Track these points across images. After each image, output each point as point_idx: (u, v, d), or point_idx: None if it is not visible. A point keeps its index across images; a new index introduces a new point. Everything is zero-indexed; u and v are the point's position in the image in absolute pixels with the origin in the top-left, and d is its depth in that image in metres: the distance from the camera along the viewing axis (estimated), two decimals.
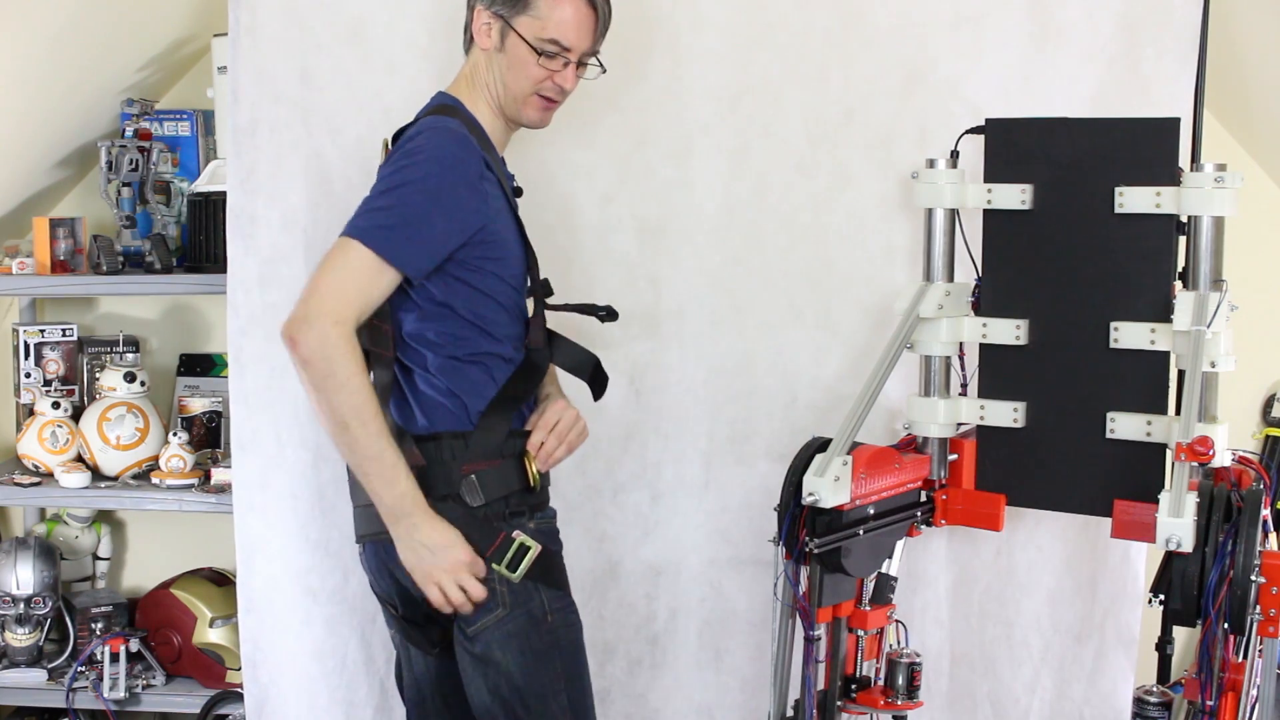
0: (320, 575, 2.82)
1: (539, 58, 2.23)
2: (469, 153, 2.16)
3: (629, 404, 2.87)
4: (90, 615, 3.22)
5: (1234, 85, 3.06)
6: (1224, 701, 2.14)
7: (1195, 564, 2.06)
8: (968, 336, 2.46)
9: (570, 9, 2.22)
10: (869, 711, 2.46)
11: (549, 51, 2.23)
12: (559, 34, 2.22)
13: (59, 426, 3.18)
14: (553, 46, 2.23)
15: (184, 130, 3.30)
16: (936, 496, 2.50)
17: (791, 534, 2.29)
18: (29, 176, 3.23)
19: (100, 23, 2.94)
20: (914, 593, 2.82)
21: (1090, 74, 2.74)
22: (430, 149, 2.13)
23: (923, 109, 2.77)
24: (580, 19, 2.22)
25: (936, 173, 2.45)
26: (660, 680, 2.94)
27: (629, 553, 2.88)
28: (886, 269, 2.81)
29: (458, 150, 2.15)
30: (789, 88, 2.81)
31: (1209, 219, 2.23)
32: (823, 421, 2.70)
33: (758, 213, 2.84)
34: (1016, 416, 2.42)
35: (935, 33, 2.77)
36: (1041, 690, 2.89)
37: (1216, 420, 2.27)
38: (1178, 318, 2.22)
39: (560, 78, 2.25)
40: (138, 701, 3.16)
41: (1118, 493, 2.30)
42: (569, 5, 2.22)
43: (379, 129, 2.77)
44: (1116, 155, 2.31)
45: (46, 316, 3.45)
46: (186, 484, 3.09)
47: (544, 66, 2.24)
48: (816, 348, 2.85)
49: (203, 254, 3.11)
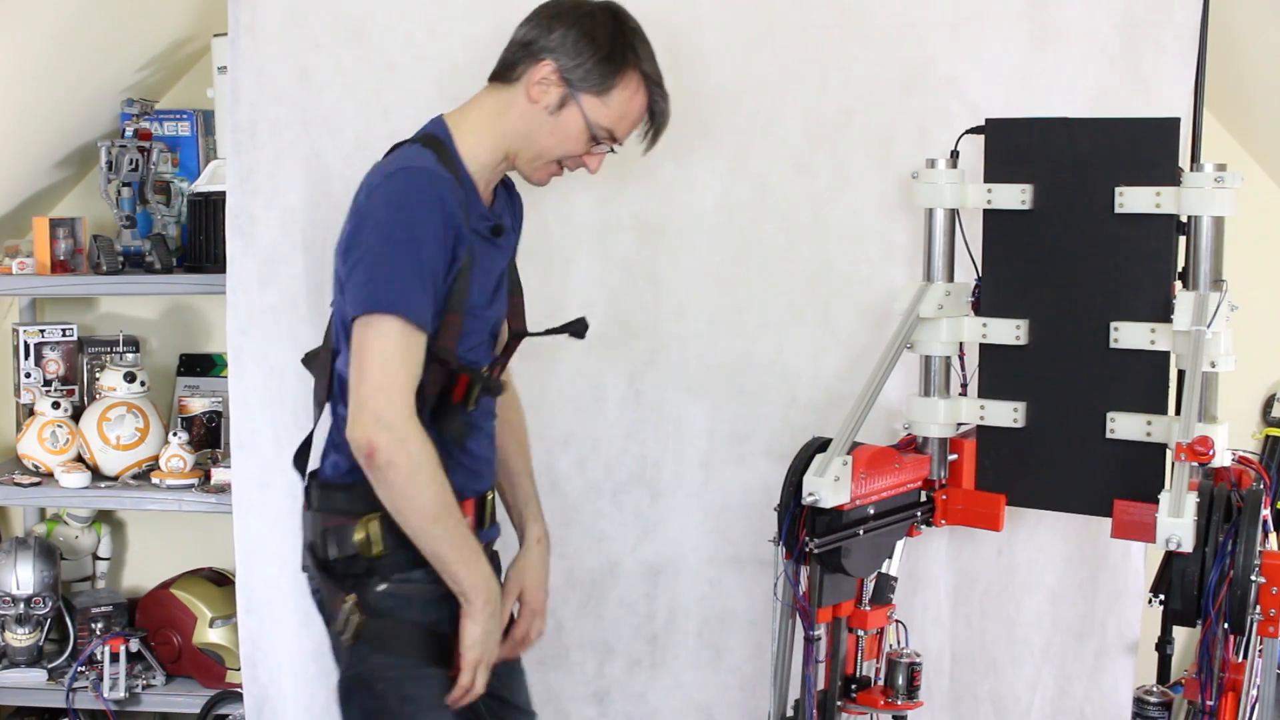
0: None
1: (589, 141, 2.17)
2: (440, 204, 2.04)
3: (629, 404, 2.88)
4: (90, 615, 3.22)
5: (1234, 85, 3.06)
6: (1224, 701, 2.14)
7: (1195, 564, 2.06)
8: (968, 336, 2.46)
9: (639, 106, 2.16)
10: (869, 711, 2.46)
11: (601, 138, 2.17)
12: (620, 128, 2.17)
13: (59, 426, 3.18)
14: (606, 135, 2.17)
15: (184, 130, 3.30)
16: (936, 496, 2.50)
17: (791, 534, 2.29)
18: (29, 176, 3.23)
19: (100, 23, 2.94)
20: (914, 593, 2.82)
21: (1090, 74, 2.74)
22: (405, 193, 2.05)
23: (922, 109, 2.77)
24: (638, 117, 2.18)
25: (936, 173, 2.45)
26: (659, 679, 2.94)
27: (628, 552, 2.88)
28: (886, 269, 2.81)
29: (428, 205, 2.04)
30: (789, 88, 2.81)
31: (1209, 219, 2.23)
32: (822, 421, 2.69)
33: (757, 212, 2.84)
34: (1016, 416, 2.42)
35: (935, 33, 2.77)
36: (1043, 688, 2.89)
37: (1216, 420, 2.26)
38: (1178, 318, 2.22)
39: (592, 161, 2.20)
40: (138, 701, 3.16)
41: (1118, 493, 2.30)
42: (638, 102, 2.16)
43: (378, 129, 2.78)
44: (1116, 155, 2.31)
45: (46, 316, 3.45)
46: (186, 484, 3.09)
47: (589, 150, 2.19)
48: (816, 347, 2.85)
49: (202, 254, 3.11)
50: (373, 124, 2.79)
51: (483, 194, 2.20)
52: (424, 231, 2.01)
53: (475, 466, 2.22)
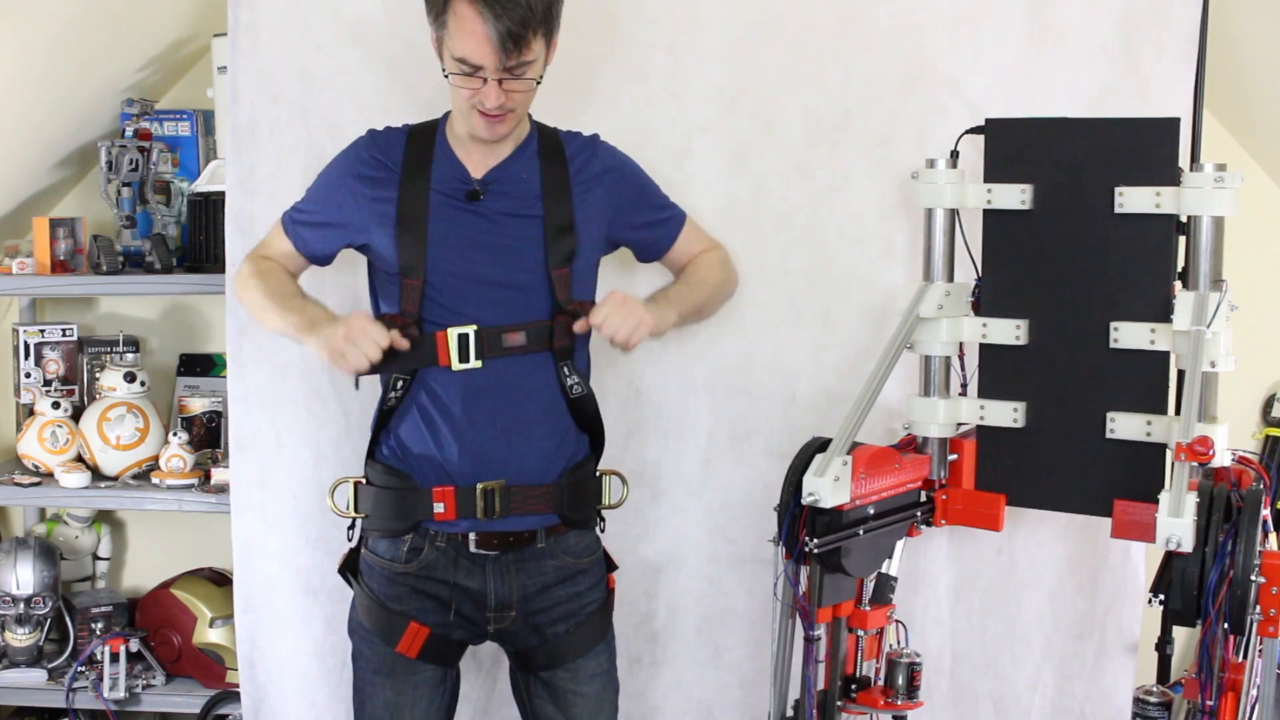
0: (321, 574, 2.82)
1: (460, 77, 2.22)
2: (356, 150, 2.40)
3: (629, 403, 2.87)
4: (90, 615, 3.22)
5: (1234, 85, 3.06)
6: (1224, 701, 2.14)
7: (1195, 564, 2.06)
8: (968, 336, 2.46)
9: (469, 26, 2.16)
10: (869, 711, 2.46)
11: (463, 71, 2.20)
12: (465, 53, 2.19)
13: (59, 426, 3.18)
14: (464, 66, 2.20)
15: (184, 130, 3.31)
16: (936, 496, 2.50)
17: (791, 534, 2.29)
18: (29, 176, 3.23)
19: (100, 23, 2.94)
20: (914, 593, 2.82)
21: (1090, 74, 2.74)
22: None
23: (922, 109, 2.77)
24: (479, 37, 2.16)
25: (936, 173, 2.45)
26: (660, 677, 2.94)
27: (629, 550, 2.88)
28: (885, 269, 2.81)
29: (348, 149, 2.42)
30: (788, 88, 2.81)
31: (1209, 219, 2.23)
32: (822, 420, 2.70)
33: (757, 212, 2.84)
34: (1016, 416, 2.42)
35: (934, 32, 2.77)
36: (1043, 688, 2.90)
37: (1216, 420, 2.27)
38: (1178, 318, 2.22)
39: (482, 95, 2.21)
40: (138, 701, 3.16)
41: (1118, 493, 2.30)
42: (468, 23, 2.16)
43: None
44: (1116, 155, 2.31)
45: (46, 316, 3.45)
46: (186, 484, 3.10)
47: (464, 85, 2.22)
48: (815, 347, 2.85)
49: (202, 254, 3.11)
50: (373, 124, 2.76)
51: (464, 156, 2.34)
52: (327, 171, 2.44)
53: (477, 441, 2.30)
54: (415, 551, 2.33)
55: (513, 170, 2.35)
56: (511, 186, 2.34)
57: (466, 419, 2.30)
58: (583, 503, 2.40)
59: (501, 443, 2.30)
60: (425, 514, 2.31)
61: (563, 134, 2.43)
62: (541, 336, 2.31)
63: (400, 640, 2.34)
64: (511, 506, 2.30)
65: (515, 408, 2.31)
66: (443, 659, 2.39)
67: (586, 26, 2.72)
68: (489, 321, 2.29)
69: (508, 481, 2.29)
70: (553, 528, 2.35)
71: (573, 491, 2.36)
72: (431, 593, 2.34)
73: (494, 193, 2.33)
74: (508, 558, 2.32)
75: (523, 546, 2.33)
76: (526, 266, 2.32)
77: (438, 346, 2.28)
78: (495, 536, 2.31)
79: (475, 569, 2.32)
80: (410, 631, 2.33)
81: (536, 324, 2.31)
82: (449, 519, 2.30)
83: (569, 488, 2.35)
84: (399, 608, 2.34)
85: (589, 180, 2.39)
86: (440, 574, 2.33)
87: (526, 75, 2.22)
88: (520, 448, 2.31)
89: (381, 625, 2.35)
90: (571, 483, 2.36)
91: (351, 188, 2.37)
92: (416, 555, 2.33)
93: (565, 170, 2.37)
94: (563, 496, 2.34)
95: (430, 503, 2.30)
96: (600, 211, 2.39)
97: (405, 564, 2.33)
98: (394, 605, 2.35)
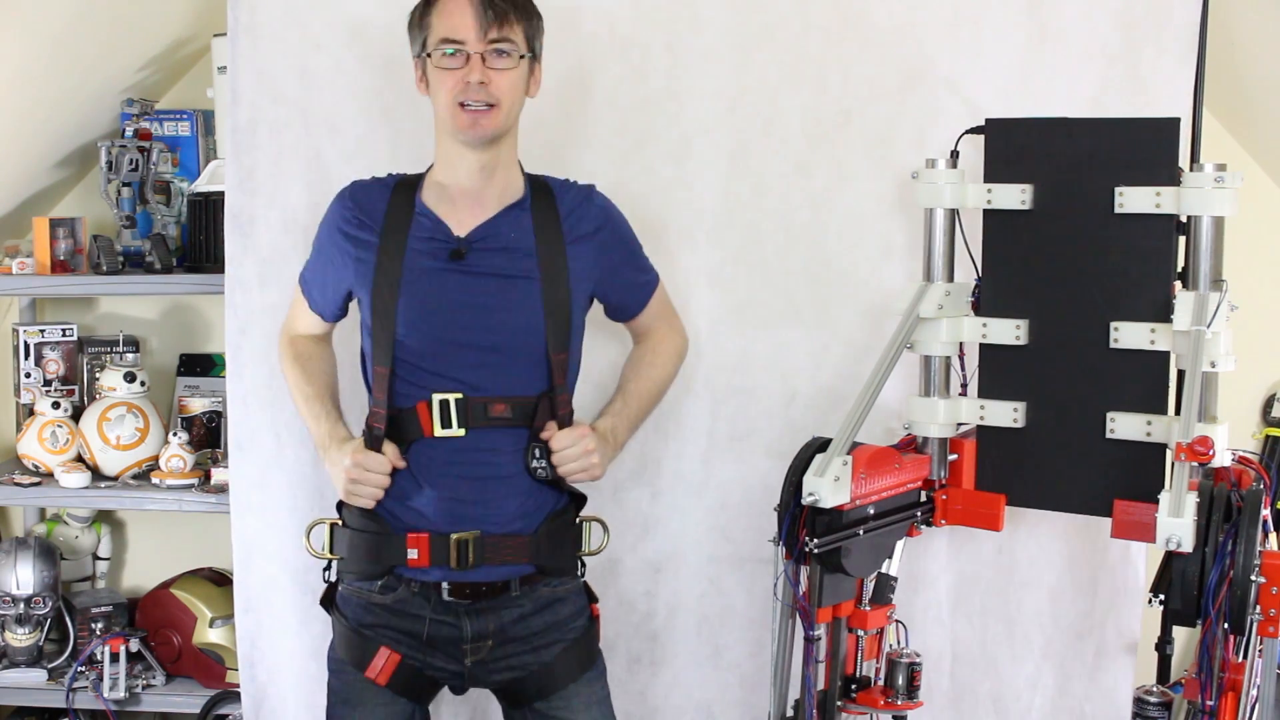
0: (321, 574, 2.81)
1: (442, 57, 2.24)
2: (341, 203, 2.39)
3: None
4: (90, 615, 3.22)
5: (1234, 85, 3.06)
6: (1224, 701, 2.14)
7: (1195, 564, 2.06)
8: (968, 336, 2.46)
9: (452, 5, 2.24)
10: (869, 711, 2.46)
11: (446, 51, 2.24)
12: (445, 31, 2.24)
13: (59, 426, 3.18)
14: (447, 46, 2.24)
15: (184, 130, 3.31)
16: (936, 496, 2.50)
17: (791, 534, 2.29)
18: (29, 176, 3.23)
19: (100, 23, 2.94)
20: (914, 593, 2.82)
21: (1090, 74, 2.74)
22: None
23: (922, 109, 2.77)
24: (460, 11, 2.23)
25: (936, 173, 2.45)
26: (660, 677, 2.94)
27: (629, 550, 2.88)
28: (885, 268, 2.81)
29: (334, 202, 2.41)
30: (788, 88, 2.81)
31: (1209, 219, 2.23)
32: (821, 420, 2.70)
33: (756, 212, 2.84)
34: (1016, 416, 2.42)
35: (934, 32, 2.77)
36: (1043, 687, 2.89)
37: (1216, 420, 2.26)
38: (1178, 318, 2.22)
39: (466, 74, 2.24)
40: (138, 701, 3.16)
41: (1118, 493, 2.30)
42: (451, 2, 2.25)
43: (379, 129, 2.78)
44: (1116, 155, 2.31)
45: (46, 316, 3.45)
46: (186, 484, 3.10)
47: (449, 69, 2.24)
48: (815, 346, 2.85)
49: (202, 254, 3.11)
50: (373, 124, 2.79)
51: (448, 213, 2.32)
52: (320, 226, 2.44)
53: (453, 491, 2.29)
54: (390, 589, 2.33)
55: (500, 228, 2.32)
56: (500, 244, 2.31)
57: (443, 471, 2.29)
58: (561, 551, 2.37)
59: (476, 494, 2.29)
60: (399, 559, 2.29)
61: (555, 185, 2.41)
62: (525, 413, 2.30)
63: (370, 664, 2.31)
64: (485, 556, 2.28)
65: (491, 466, 2.30)
66: (412, 692, 2.35)
67: (586, 29, 2.72)
68: (473, 384, 2.28)
69: (483, 532, 2.28)
70: (527, 577, 2.32)
71: (551, 540, 2.34)
72: (406, 628, 2.32)
73: (480, 250, 2.30)
74: (482, 604, 2.31)
75: (496, 595, 2.31)
76: (516, 329, 2.30)
77: (420, 418, 2.28)
78: (468, 586, 2.29)
79: (449, 613, 2.31)
80: (380, 655, 2.31)
81: (523, 400, 2.30)
82: (422, 565, 2.28)
83: (546, 536, 2.33)
84: (372, 634, 2.33)
85: (582, 236, 2.37)
86: (415, 609, 2.31)
87: (509, 54, 2.25)
88: (496, 501, 2.30)
89: (355, 650, 2.34)
90: (549, 531, 2.34)
91: (339, 244, 2.37)
92: (391, 591, 2.33)
93: (559, 228, 2.35)
94: (540, 546, 2.32)
95: (404, 548, 2.28)
96: (589, 269, 2.38)
97: (380, 594, 2.33)
98: (367, 631, 2.33)
